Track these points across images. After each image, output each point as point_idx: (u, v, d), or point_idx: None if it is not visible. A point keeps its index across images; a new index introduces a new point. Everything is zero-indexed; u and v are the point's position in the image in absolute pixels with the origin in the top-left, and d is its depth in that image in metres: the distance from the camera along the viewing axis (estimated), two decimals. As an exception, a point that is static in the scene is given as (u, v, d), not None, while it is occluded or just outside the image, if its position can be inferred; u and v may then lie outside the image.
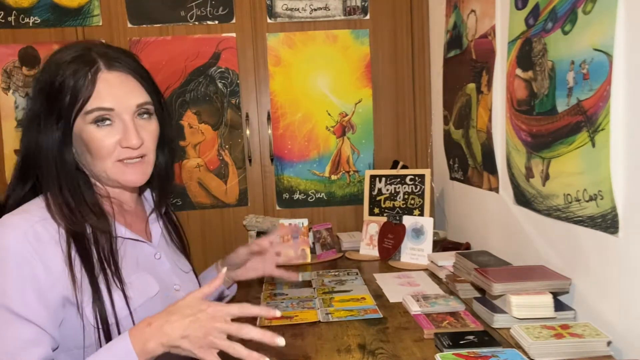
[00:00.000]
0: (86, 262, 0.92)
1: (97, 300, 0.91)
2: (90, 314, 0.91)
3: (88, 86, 0.92)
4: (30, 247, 0.87)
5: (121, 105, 0.95)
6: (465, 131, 1.79)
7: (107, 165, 0.96)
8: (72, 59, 0.95)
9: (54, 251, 0.89)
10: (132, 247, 1.02)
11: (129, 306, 0.94)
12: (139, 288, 0.97)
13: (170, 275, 1.07)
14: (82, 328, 0.91)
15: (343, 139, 2.25)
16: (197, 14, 2.16)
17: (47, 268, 0.88)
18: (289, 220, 1.94)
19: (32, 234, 0.88)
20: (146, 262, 1.03)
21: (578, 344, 1.00)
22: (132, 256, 1.01)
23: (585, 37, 1.06)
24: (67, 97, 0.92)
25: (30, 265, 0.86)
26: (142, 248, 1.04)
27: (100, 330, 0.91)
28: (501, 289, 1.17)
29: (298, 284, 1.60)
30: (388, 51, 2.23)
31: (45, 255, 0.88)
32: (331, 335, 1.19)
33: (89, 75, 0.93)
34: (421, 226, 1.83)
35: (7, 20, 2.11)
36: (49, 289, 0.88)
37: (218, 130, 2.21)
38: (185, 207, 2.21)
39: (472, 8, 1.68)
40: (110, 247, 0.96)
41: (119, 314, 0.93)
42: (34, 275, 0.86)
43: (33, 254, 0.87)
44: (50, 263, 0.88)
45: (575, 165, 1.12)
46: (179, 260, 1.14)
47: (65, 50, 0.97)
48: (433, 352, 1.06)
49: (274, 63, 2.20)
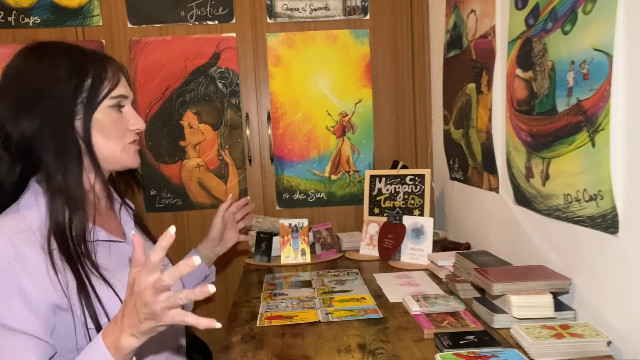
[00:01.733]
0: (67, 257, 0.92)
1: (84, 296, 0.91)
2: (81, 316, 0.91)
3: (114, 73, 1.03)
4: (10, 259, 0.87)
5: (130, 95, 1.08)
6: (465, 131, 1.79)
7: (119, 147, 1.03)
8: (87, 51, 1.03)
9: (35, 259, 0.89)
10: (110, 247, 1.04)
11: (120, 300, 0.94)
12: (124, 285, 0.97)
13: None
14: (74, 332, 0.91)
15: (343, 139, 2.25)
16: (197, 14, 2.16)
17: (31, 277, 0.88)
18: (289, 220, 1.94)
19: (11, 247, 0.88)
20: (125, 260, 1.05)
21: (578, 344, 1.00)
22: (110, 257, 1.02)
23: (585, 37, 1.06)
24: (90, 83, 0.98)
25: (14, 277, 0.86)
26: (119, 247, 1.06)
27: (93, 330, 0.91)
28: (501, 289, 1.17)
29: (297, 284, 1.60)
30: (388, 51, 2.23)
31: (27, 265, 0.88)
32: (331, 335, 1.19)
33: (110, 65, 1.03)
34: (421, 226, 1.83)
35: (7, 20, 2.11)
36: (37, 297, 0.88)
37: (218, 130, 2.21)
38: (185, 207, 2.21)
39: (472, 8, 1.68)
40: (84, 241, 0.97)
41: (111, 311, 0.93)
42: (19, 286, 0.87)
43: (14, 265, 0.87)
44: (34, 271, 0.88)
45: (575, 165, 1.12)
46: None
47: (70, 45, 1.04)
48: (433, 352, 1.06)
49: (274, 63, 2.20)
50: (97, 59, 1.02)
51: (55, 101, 0.95)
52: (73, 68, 0.97)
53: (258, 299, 1.48)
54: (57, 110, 0.95)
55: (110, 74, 1.02)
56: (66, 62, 0.98)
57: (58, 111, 0.95)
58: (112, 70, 1.03)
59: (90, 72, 0.99)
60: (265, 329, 1.24)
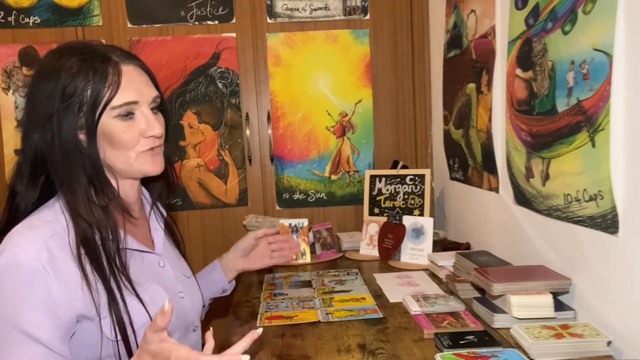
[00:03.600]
0: (97, 268, 0.90)
1: (114, 308, 0.89)
2: (108, 325, 0.89)
3: (114, 80, 0.93)
4: (44, 264, 0.85)
5: (143, 97, 0.96)
6: (465, 131, 1.79)
7: (132, 156, 0.97)
8: (85, 56, 0.93)
9: (67, 267, 0.88)
10: (139, 257, 1.01)
11: (148, 312, 0.93)
12: (151, 297, 0.96)
13: (174, 282, 1.07)
14: (100, 340, 0.90)
15: (343, 139, 2.25)
16: (197, 14, 2.16)
17: (62, 284, 0.86)
18: (289, 220, 1.94)
19: (46, 251, 0.86)
20: (152, 271, 1.03)
21: (578, 344, 1.00)
22: (140, 266, 1.00)
23: (585, 37, 1.06)
24: (89, 94, 0.91)
25: (45, 283, 0.84)
26: (148, 257, 1.04)
27: (120, 340, 0.90)
28: (501, 289, 1.17)
29: (297, 284, 1.60)
30: (388, 51, 2.23)
31: (59, 272, 0.86)
32: (331, 335, 1.19)
33: (110, 70, 0.93)
34: (421, 226, 1.83)
35: (7, 20, 2.10)
36: (64, 306, 0.86)
37: (218, 130, 2.21)
38: (185, 207, 2.21)
39: (472, 8, 1.68)
40: (118, 252, 0.95)
41: (138, 322, 0.92)
42: (48, 293, 0.84)
43: (47, 271, 0.85)
44: (65, 279, 0.87)
45: (575, 165, 1.12)
46: (181, 266, 1.14)
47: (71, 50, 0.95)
48: (433, 352, 1.06)
49: (274, 63, 2.20)
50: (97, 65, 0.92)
51: (56, 119, 0.91)
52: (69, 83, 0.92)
53: (258, 299, 1.48)
54: (59, 127, 0.91)
55: (110, 81, 0.92)
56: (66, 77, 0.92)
57: (59, 127, 0.91)
58: (113, 76, 0.93)
59: (88, 84, 0.91)
60: (266, 329, 1.24)
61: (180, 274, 1.10)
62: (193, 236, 2.21)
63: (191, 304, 1.10)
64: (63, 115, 0.91)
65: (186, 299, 1.07)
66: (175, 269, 1.09)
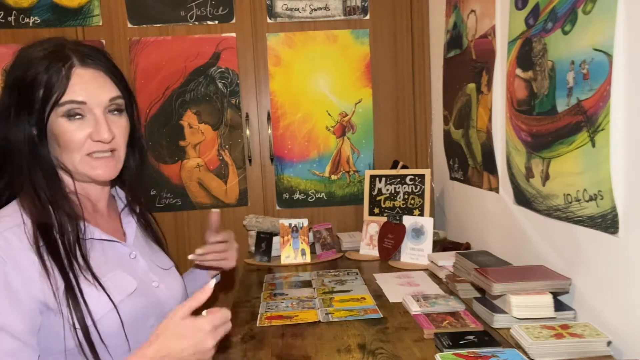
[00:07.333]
0: (54, 257, 0.91)
1: (70, 294, 0.90)
2: (68, 317, 0.90)
3: (62, 81, 0.94)
4: (1, 255, 0.87)
5: (93, 100, 0.97)
6: (465, 131, 1.79)
7: (76, 158, 0.98)
8: (46, 54, 0.96)
9: (27, 257, 0.89)
10: (105, 247, 1.02)
11: (111, 299, 0.94)
12: (115, 285, 0.97)
13: (148, 273, 1.07)
14: (63, 333, 0.90)
15: (343, 139, 2.25)
16: (197, 13, 2.16)
17: (21, 275, 0.87)
18: (289, 220, 1.94)
19: (2, 240, 0.88)
20: (121, 261, 1.03)
21: (578, 344, 1.00)
22: (105, 256, 1.01)
23: (585, 37, 1.06)
24: (41, 92, 0.94)
25: (3, 273, 0.86)
26: (116, 248, 1.05)
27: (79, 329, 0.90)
28: (501, 289, 1.17)
29: (298, 284, 1.60)
30: (388, 51, 2.23)
31: (18, 262, 0.88)
32: (331, 335, 1.19)
33: (62, 71, 0.94)
34: (421, 226, 1.83)
35: (7, 20, 2.11)
36: (24, 295, 0.87)
37: (218, 130, 2.21)
38: (185, 207, 2.21)
39: (472, 8, 1.68)
40: (78, 242, 0.96)
41: (100, 311, 0.93)
42: (7, 283, 0.86)
43: (3, 259, 0.86)
44: (25, 269, 0.88)
45: (575, 165, 1.12)
46: (157, 258, 1.14)
47: (39, 45, 0.98)
48: (433, 352, 1.06)
49: (274, 63, 2.20)
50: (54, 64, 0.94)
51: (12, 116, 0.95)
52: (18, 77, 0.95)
53: (258, 299, 1.48)
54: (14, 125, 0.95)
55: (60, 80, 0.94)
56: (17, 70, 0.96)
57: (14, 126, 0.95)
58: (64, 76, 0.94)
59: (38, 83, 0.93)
60: (265, 329, 1.24)
61: (155, 265, 1.11)
62: (193, 236, 2.21)
63: (168, 293, 1.09)
64: (17, 111, 0.94)
65: (161, 288, 1.08)
66: (149, 261, 1.10)
